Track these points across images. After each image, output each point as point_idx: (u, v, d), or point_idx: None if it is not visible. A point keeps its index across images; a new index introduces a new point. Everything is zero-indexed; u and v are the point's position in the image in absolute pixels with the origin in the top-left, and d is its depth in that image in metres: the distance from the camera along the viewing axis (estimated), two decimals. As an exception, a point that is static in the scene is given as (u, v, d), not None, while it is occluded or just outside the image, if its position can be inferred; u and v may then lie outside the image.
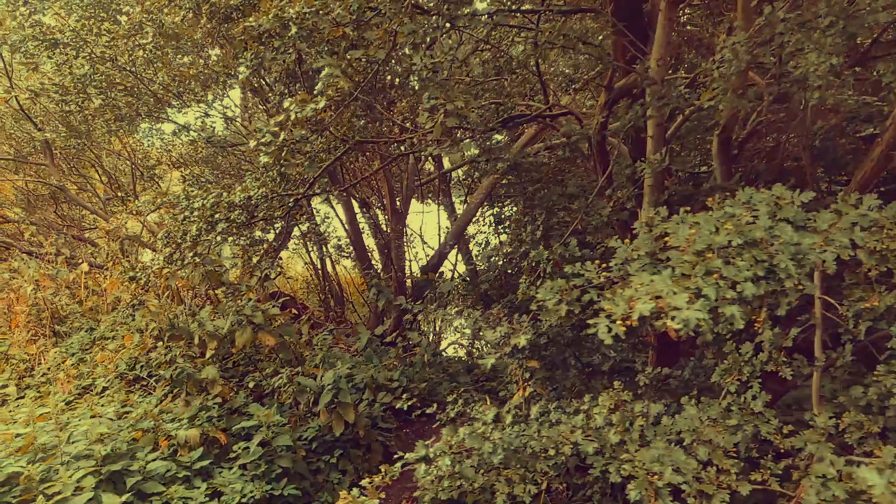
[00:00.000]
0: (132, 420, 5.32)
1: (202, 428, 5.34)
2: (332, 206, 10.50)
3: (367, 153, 10.07)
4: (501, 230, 13.51)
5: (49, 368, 7.37)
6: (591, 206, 4.77)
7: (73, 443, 4.64)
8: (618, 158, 4.94)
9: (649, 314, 2.07)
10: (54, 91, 8.89)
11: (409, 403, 4.74)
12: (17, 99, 10.36)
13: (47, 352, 8.10)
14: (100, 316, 9.04)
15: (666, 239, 2.51)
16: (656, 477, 2.65)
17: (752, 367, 3.40)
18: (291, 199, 5.68)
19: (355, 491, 3.18)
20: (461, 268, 12.54)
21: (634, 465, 2.74)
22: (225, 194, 5.72)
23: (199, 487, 4.83)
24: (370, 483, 3.17)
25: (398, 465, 3.33)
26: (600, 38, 6.06)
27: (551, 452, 3.06)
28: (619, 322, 2.15)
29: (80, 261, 10.89)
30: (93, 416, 5.28)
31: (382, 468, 3.28)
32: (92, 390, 6.97)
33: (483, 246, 12.84)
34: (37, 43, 8.52)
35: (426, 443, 3.25)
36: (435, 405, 4.72)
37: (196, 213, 5.75)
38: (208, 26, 6.17)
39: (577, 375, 4.83)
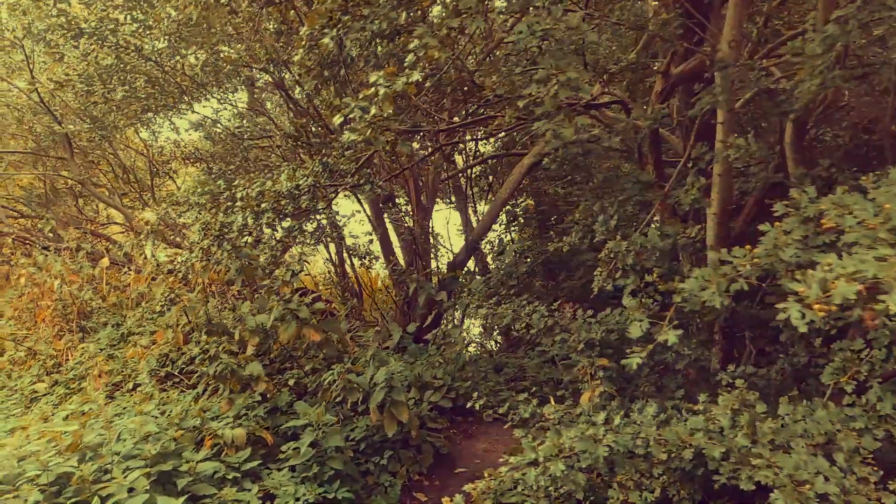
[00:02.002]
0: (176, 418, 5.08)
1: (248, 427, 5.10)
2: (360, 202, 10.26)
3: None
4: (514, 228, 13.31)
5: (80, 364, 7.14)
6: (667, 194, 4.52)
7: (120, 441, 4.41)
8: (696, 148, 4.67)
9: (854, 297, 1.82)
10: (79, 82, 8.67)
11: (480, 403, 4.49)
12: (38, 92, 10.15)
13: (74, 348, 7.88)
14: (125, 311, 8.82)
15: (823, 221, 2.27)
16: (808, 487, 2.40)
17: (870, 365, 3.15)
18: (340, 189, 5.44)
19: (458, 497, 2.93)
20: (471, 265, 12.35)
21: (776, 473, 2.49)
22: (269, 183, 5.49)
23: (250, 490, 4.59)
24: (474, 489, 2.93)
25: (504, 469, 3.08)
26: (655, 20, 5.80)
27: (662, 456, 2.81)
28: (816, 307, 1.90)
29: (103, 255, 10.67)
30: (138, 415, 5.05)
31: (486, 472, 3.03)
32: (123, 387, 6.75)
33: (497, 244, 12.65)
34: (62, 32, 8.30)
35: (533, 444, 3.00)
36: (506, 406, 4.46)
37: (240, 203, 5.52)
38: (249, 10, 5.93)
39: (648, 374, 4.58)
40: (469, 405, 4.52)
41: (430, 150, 8.32)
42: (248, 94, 11.40)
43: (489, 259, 12.97)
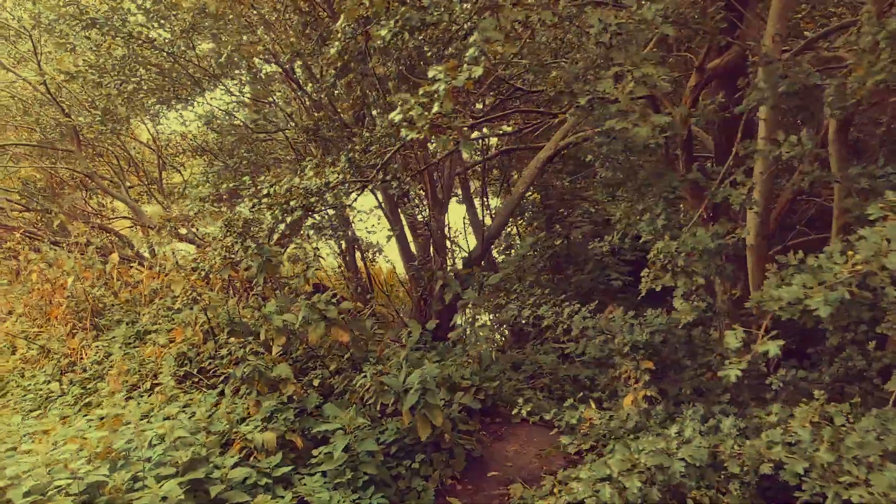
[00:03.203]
0: (203, 421, 4.95)
1: (278, 431, 4.98)
2: (376, 196, 10.10)
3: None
4: (521, 222, 13.16)
5: (99, 363, 7.00)
6: (714, 194, 4.37)
7: (151, 447, 4.28)
8: (742, 145, 4.53)
9: None
10: (91, 73, 8.47)
11: (528, 409, 4.37)
12: (46, 84, 9.96)
13: (88, 346, 7.73)
14: (138, 308, 8.67)
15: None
16: (905, 506, 2.29)
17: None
18: (367, 185, 5.30)
19: (529, 514, 2.82)
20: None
21: (870, 492, 2.37)
22: (297, 179, 5.34)
23: (283, 497, 4.47)
24: (545, 506, 2.81)
25: (577, 484, 2.96)
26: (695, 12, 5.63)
27: (735, 470, 2.69)
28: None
29: (112, 250, 10.50)
30: (166, 418, 4.92)
31: (555, 489, 2.91)
32: (140, 386, 6.60)
33: (504, 238, 12.50)
34: (73, 22, 8.09)
35: (606, 460, 2.88)
36: (553, 411, 4.34)
37: (266, 200, 5.37)
38: (272, 1, 5.74)
39: (692, 378, 4.46)
40: (515, 412, 4.40)
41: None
42: (250, 86, 11.19)
43: (495, 253, 12.86)
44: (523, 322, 7.83)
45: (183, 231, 10.40)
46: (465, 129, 7.98)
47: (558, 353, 8.45)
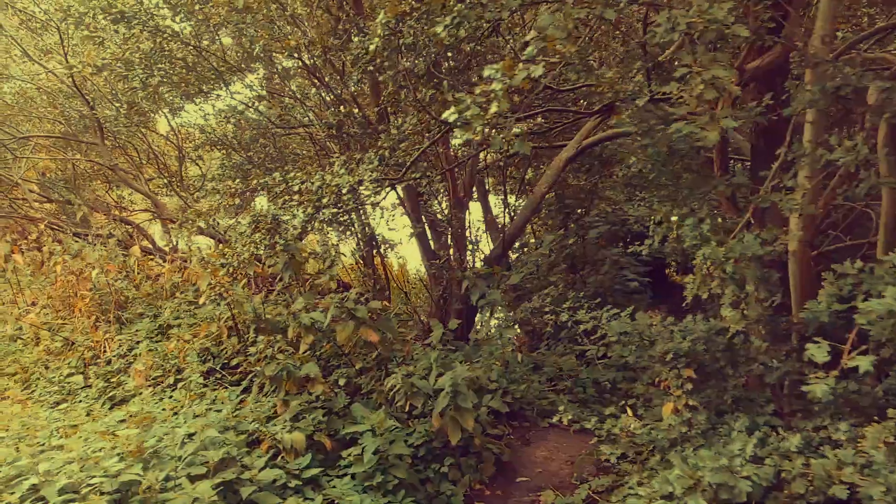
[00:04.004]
0: (232, 420, 4.91)
1: (306, 431, 4.92)
2: (398, 193, 10.02)
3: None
4: (537, 220, 13.02)
5: (123, 356, 6.99)
6: (762, 198, 4.24)
7: (183, 446, 4.24)
8: (791, 149, 4.39)
9: None
10: (118, 66, 8.46)
11: (569, 417, 4.28)
12: (72, 77, 9.99)
13: (112, 339, 7.73)
14: (160, 302, 8.67)
15: None
16: None
17: None
18: (397, 183, 5.22)
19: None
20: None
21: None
22: (328, 177, 5.27)
23: (313, 499, 4.41)
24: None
25: (634, 500, 2.87)
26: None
27: (800, 490, 2.58)
28: None
29: (133, 243, 10.52)
30: (196, 416, 4.88)
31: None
32: (164, 381, 6.58)
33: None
34: (103, 15, 8.08)
35: (666, 475, 2.78)
36: (594, 419, 4.24)
37: (297, 197, 5.31)
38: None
39: (735, 387, 4.33)
40: (556, 419, 4.31)
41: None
42: (269, 81, 11.12)
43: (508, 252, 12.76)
44: (551, 323, 7.70)
45: (203, 225, 10.39)
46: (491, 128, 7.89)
47: (576, 355, 8.35)
